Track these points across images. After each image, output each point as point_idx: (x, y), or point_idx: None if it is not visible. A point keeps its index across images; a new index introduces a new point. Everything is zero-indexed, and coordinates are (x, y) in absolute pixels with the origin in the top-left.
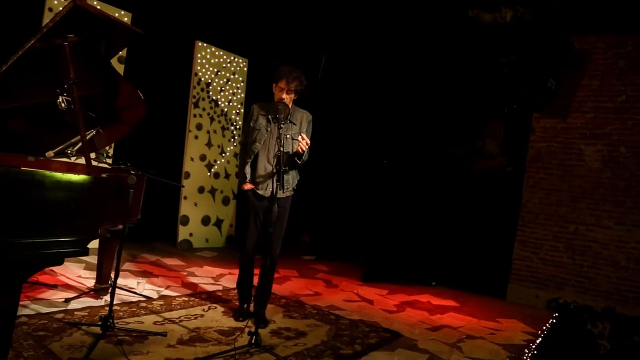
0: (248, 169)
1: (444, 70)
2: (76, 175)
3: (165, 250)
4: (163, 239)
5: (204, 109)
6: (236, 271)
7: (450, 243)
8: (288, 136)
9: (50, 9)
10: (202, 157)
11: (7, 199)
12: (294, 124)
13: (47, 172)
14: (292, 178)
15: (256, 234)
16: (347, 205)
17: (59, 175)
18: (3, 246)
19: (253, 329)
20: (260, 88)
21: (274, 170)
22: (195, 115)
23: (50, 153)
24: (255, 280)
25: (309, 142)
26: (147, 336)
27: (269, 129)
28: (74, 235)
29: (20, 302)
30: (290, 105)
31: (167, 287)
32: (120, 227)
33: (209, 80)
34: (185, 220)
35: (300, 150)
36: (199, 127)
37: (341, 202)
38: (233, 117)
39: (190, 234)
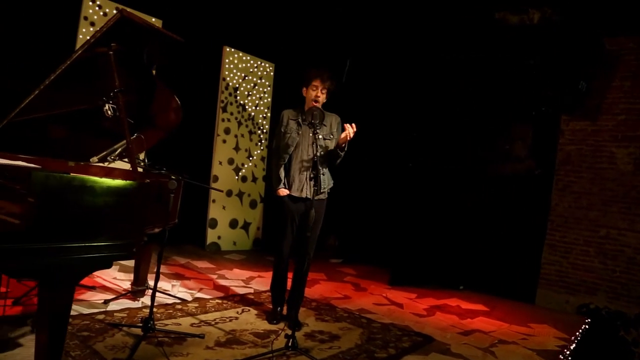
0: (282, 172)
1: (470, 72)
2: (123, 181)
3: (194, 252)
4: (191, 242)
5: (231, 114)
6: (265, 274)
7: (478, 247)
8: (320, 136)
9: (86, 18)
10: (230, 161)
11: (61, 205)
12: (325, 125)
13: (98, 178)
14: (327, 179)
15: (292, 237)
16: (373, 208)
17: (108, 181)
18: (58, 250)
19: (288, 332)
20: (286, 92)
21: (311, 175)
22: (223, 120)
23: (94, 159)
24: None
25: (355, 128)
26: (186, 338)
27: (300, 132)
28: (122, 239)
29: None
30: (320, 106)
31: (200, 290)
32: (157, 230)
33: (237, 85)
34: (214, 223)
35: (349, 138)
36: (227, 131)
37: (367, 205)
38: (260, 121)
39: (219, 237)
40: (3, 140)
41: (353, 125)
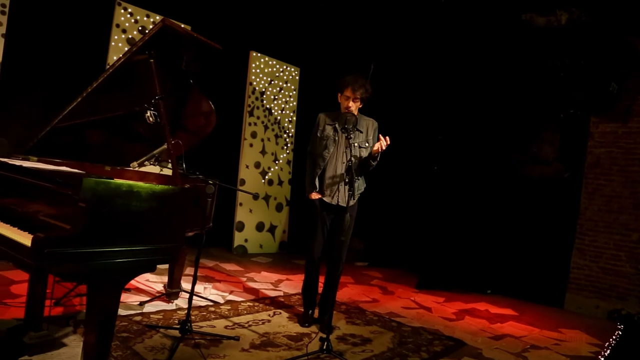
0: (317, 179)
1: (497, 74)
2: (166, 186)
3: (221, 255)
4: (218, 245)
5: (258, 118)
6: (293, 277)
7: (505, 250)
8: (356, 144)
9: (117, 25)
10: (257, 165)
11: (109, 210)
12: (360, 131)
13: (143, 184)
14: (360, 184)
15: (323, 241)
16: (399, 211)
17: (152, 186)
18: (105, 254)
19: (322, 335)
20: (311, 96)
21: (346, 179)
22: (250, 124)
23: (134, 164)
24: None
25: (388, 141)
26: (221, 340)
27: (336, 138)
28: (165, 242)
29: None
30: (356, 113)
31: (231, 292)
32: (191, 234)
33: (263, 89)
34: (241, 227)
35: (381, 150)
36: (253, 135)
37: (392, 208)
38: (286, 125)
39: (246, 240)
40: (44, 146)
41: (387, 138)
